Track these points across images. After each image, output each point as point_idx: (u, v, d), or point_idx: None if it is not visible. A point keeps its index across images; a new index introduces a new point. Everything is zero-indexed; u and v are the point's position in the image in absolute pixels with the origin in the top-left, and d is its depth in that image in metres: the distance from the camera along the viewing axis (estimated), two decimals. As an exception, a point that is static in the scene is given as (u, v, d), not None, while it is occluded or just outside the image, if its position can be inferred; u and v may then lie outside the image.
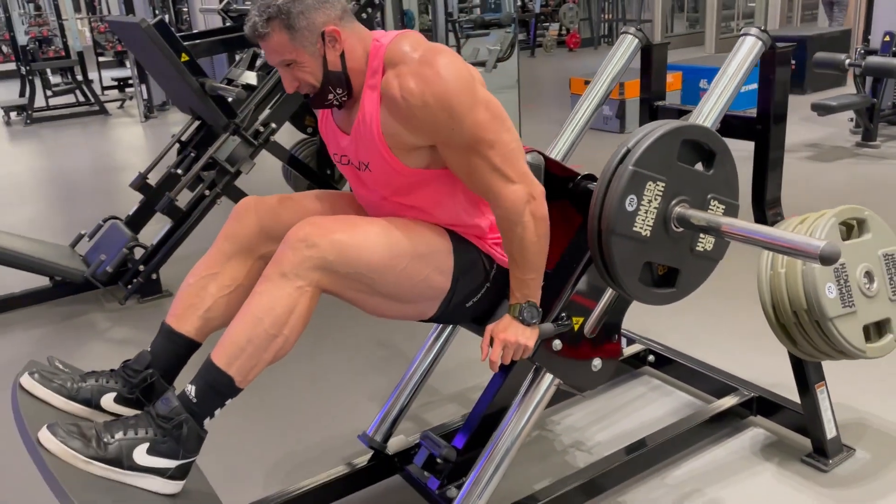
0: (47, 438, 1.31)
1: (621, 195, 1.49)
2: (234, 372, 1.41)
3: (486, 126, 1.47)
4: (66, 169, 6.42)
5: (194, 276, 1.61)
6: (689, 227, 1.56)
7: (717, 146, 1.60)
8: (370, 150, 1.52)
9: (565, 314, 1.68)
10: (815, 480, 2.00)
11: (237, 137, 3.44)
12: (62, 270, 3.41)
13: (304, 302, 1.42)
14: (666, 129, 1.53)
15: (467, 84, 1.45)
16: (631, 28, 2.20)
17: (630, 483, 2.03)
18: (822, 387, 2.05)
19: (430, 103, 1.42)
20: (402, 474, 2.04)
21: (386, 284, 1.51)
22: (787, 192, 2.01)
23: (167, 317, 1.60)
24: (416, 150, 1.51)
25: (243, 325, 1.42)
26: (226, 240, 1.61)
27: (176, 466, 1.39)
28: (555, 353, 1.68)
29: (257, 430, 2.43)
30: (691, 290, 1.68)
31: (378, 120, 1.48)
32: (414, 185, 1.55)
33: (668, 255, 1.60)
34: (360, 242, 1.45)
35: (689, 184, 1.57)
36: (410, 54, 1.45)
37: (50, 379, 1.49)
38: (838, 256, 1.37)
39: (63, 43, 8.92)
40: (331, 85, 1.50)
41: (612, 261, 1.52)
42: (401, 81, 1.43)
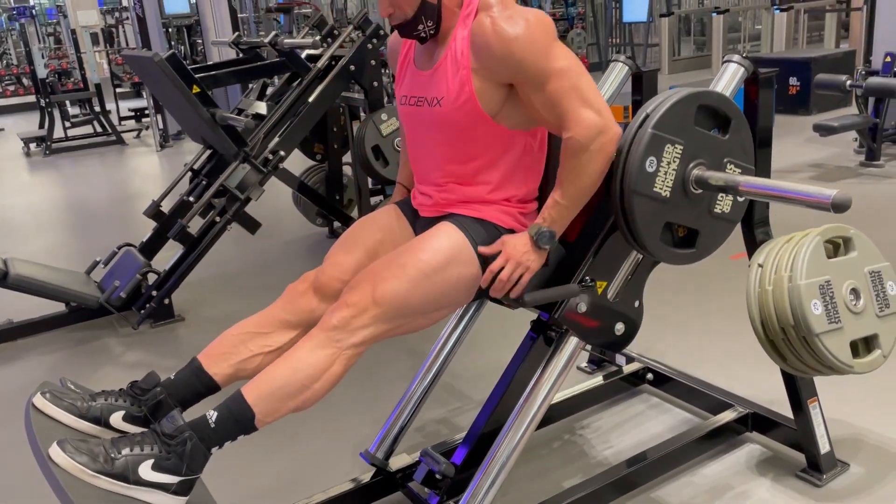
0: (57, 454, 1.38)
1: (642, 156, 1.58)
2: (259, 410, 1.51)
3: (568, 60, 1.60)
4: (83, 198, 6.57)
5: (240, 328, 1.71)
6: (706, 187, 1.65)
7: (733, 112, 1.69)
8: (451, 84, 1.64)
9: (589, 277, 1.75)
10: (809, 495, 2.03)
11: (247, 165, 3.54)
12: (77, 296, 3.51)
13: (339, 364, 1.56)
14: (683, 95, 1.63)
15: (552, 31, 1.61)
16: (621, 56, 2.27)
17: (628, 497, 2.07)
18: (814, 402, 2.08)
19: (521, 38, 1.56)
20: (404, 491, 2.09)
21: (426, 305, 1.64)
22: (789, 211, 2.06)
23: (201, 354, 1.69)
24: (495, 90, 1.63)
25: (281, 371, 1.54)
26: (287, 311, 1.73)
27: (179, 482, 1.45)
28: (580, 316, 1.75)
29: (260, 447, 2.48)
30: (711, 251, 1.77)
31: (468, 55, 1.62)
32: (474, 131, 1.67)
33: (687, 215, 1.69)
34: (398, 287, 1.59)
35: (706, 147, 1.67)
36: (502, 5, 1.62)
37: (61, 398, 1.57)
38: (849, 204, 1.45)
39: (81, 75, 9.16)
40: (424, 15, 1.63)
41: (634, 220, 1.62)
42: (493, 22, 1.59)
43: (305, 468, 2.36)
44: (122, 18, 14.05)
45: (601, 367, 2.71)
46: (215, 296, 3.94)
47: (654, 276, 1.89)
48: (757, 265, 1.95)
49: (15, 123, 11.42)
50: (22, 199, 6.64)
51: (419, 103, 1.72)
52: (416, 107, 1.73)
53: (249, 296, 3.86)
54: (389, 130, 3.68)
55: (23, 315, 3.63)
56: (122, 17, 14.08)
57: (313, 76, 3.76)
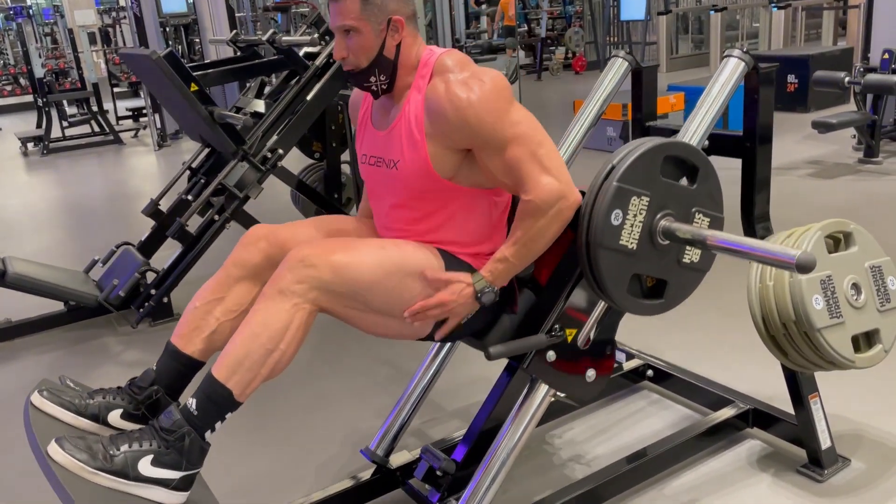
0: (56, 451, 1.37)
1: (607, 210, 1.56)
2: (233, 385, 1.47)
3: (525, 125, 1.58)
4: (81, 197, 6.56)
5: (200, 299, 1.67)
6: (674, 239, 1.63)
7: (700, 162, 1.67)
8: (405, 148, 1.61)
9: (558, 325, 1.73)
10: (810, 491, 2.03)
11: (245, 163, 3.53)
12: (76, 295, 3.50)
13: (299, 318, 1.49)
14: (649, 147, 1.61)
15: (509, 94, 1.58)
16: (621, 52, 2.27)
17: (629, 494, 2.06)
18: (815, 398, 2.08)
19: (475, 104, 1.53)
20: (404, 488, 2.08)
21: (379, 301, 1.57)
22: (788, 208, 2.06)
23: (172, 336, 1.67)
24: (451, 155, 1.59)
25: (242, 340, 1.49)
26: (234, 266, 1.68)
27: (180, 478, 1.44)
28: (549, 364, 1.73)
29: (261, 445, 2.48)
30: (679, 301, 1.74)
31: (423, 120, 1.58)
32: (435, 193, 1.63)
33: (655, 266, 1.66)
34: (354, 262, 1.52)
35: (673, 198, 1.64)
36: (458, 67, 1.59)
37: (59, 396, 1.56)
38: (813, 265, 1.42)
39: (79, 75, 9.14)
40: (378, 68, 1.60)
41: (601, 273, 1.59)
42: (447, 87, 1.56)
43: (305, 465, 2.35)
44: (119, 18, 14.04)
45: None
46: (214, 294, 3.92)
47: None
48: (758, 260, 1.95)
49: (12, 123, 11.40)
50: (19, 199, 6.63)
51: (378, 164, 1.69)
52: (376, 167, 1.69)
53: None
54: (388, 128, 3.67)
55: (21, 314, 3.62)
56: (120, 17, 14.07)
57: (311, 74, 3.74)
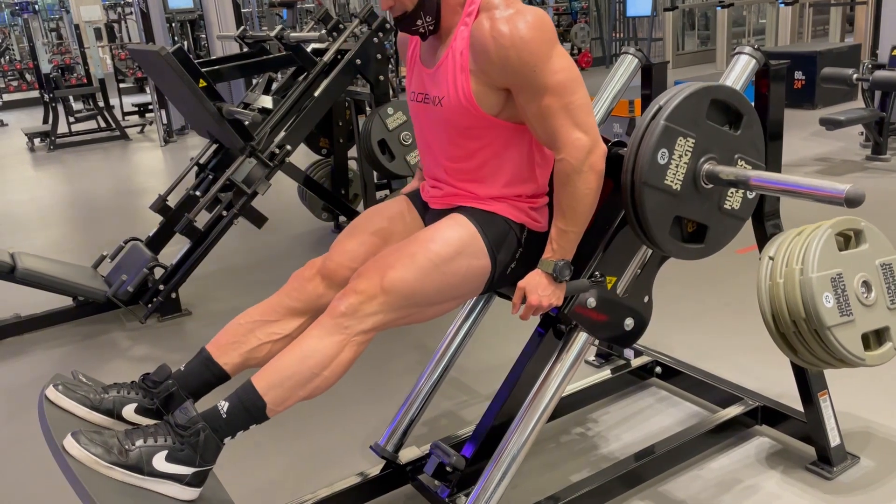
0: (71, 445, 1.38)
1: (654, 148, 1.57)
2: (270, 399, 1.50)
3: (564, 74, 1.57)
4: (88, 193, 6.58)
5: (247, 317, 1.71)
6: (717, 182, 1.64)
7: (745, 108, 1.68)
8: (450, 85, 1.63)
9: (599, 272, 1.75)
10: (819, 488, 2.03)
11: (253, 160, 3.54)
12: (85, 291, 3.51)
13: (349, 352, 1.56)
14: (695, 88, 1.62)
15: (551, 36, 1.58)
16: (631, 48, 2.27)
17: (638, 490, 2.07)
18: (824, 395, 2.08)
19: (518, 44, 1.54)
20: (414, 483, 2.09)
21: (432, 295, 1.64)
22: (796, 205, 2.05)
23: (209, 344, 1.69)
24: (493, 93, 1.61)
25: (290, 359, 1.53)
26: (292, 298, 1.72)
27: (193, 473, 1.45)
28: (589, 311, 1.75)
29: (272, 441, 2.49)
30: (719, 247, 1.75)
31: (467, 55, 1.60)
32: (478, 129, 1.66)
33: (697, 210, 1.68)
34: (405, 275, 1.58)
35: (717, 142, 1.66)
36: (504, 4, 1.59)
37: (74, 390, 1.57)
38: (863, 199, 1.44)
39: (85, 70, 9.16)
40: (423, 10, 1.62)
41: (644, 213, 1.61)
42: (492, 24, 1.56)
43: (315, 461, 2.37)
44: (126, 14, 14.05)
45: (609, 360, 2.71)
46: (222, 290, 3.94)
47: (662, 271, 1.89)
48: (768, 258, 1.95)
49: (18, 119, 11.42)
50: (27, 194, 6.65)
51: (425, 100, 1.72)
52: (423, 104, 1.73)
53: (256, 290, 3.85)
54: (395, 124, 3.68)
55: (30, 309, 3.64)
56: (125, 13, 14.08)
57: (319, 70, 3.75)
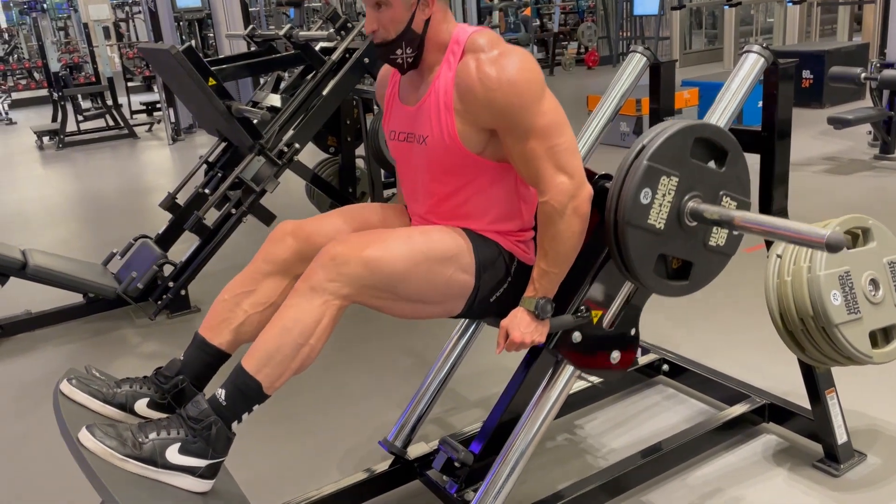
0: (86, 438, 1.40)
1: (636, 188, 1.57)
2: (263, 378, 1.50)
3: (550, 117, 1.58)
4: (96, 191, 6.61)
5: (230, 292, 1.70)
6: (701, 220, 1.64)
7: (730, 145, 1.68)
8: (433, 124, 1.63)
9: (584, 307, 1.75)
10: (826, 485, 2.04)
11: (262, 158, 3.56)
12: (96, 287, 3.54)
13: (330, 314, 1.52)
14: (680, 127, 1.62)
15: (538, 79, 1.58)
16: (639, 47, 2.28)
17: (644, 487, 2.08)
18: (832, 393, 2.08)
19: (504, 87, 1.54)
20: (422, 479, 2.10)
21: (411, 290, 1.60)
22: (804, 204, 2.06)
23: (201, 328, 1.69)
24: (477, 133, 1.61)
25: (273, 334, 1.51)
26: (263, 261, 1.71)
27: (206, 466, 1.47)
28: (575, 345, 1.75)
29: (282, 436, 2.51)
30: (704, 284, 1.75)
31: (452, 95, 1.60)
32: (462, 169, 1.65)
33: (681, 247, 1.67)
34: (385, 256, 1.54)
35: (701, 180, 1.65)
36: (490, 46, 1.59)
37: (87, 384, 1.59)
38: (843, 244, 1.43)
39: (94, 69, 9.20)
40: (405, 41, 1.62)
41: (628, 252, 1.61)
42: (479, 66, 1.57)
43: (324, 457, 2.38)
44: (134, 13, 14.10)
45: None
46: (230, 287, 3.95)
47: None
48: (776, 256, 1.95)
49: (26, 117, 11.48)
50: (36, 192, 6.69)
51: (408, 139, 1.71)
52: (406, 143, 1.72)
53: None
54: (403, 123, 3.69)
55: (40, 306, 3.67)
56: (133, 12, 14.13)
57: (328, 69, 3.77)
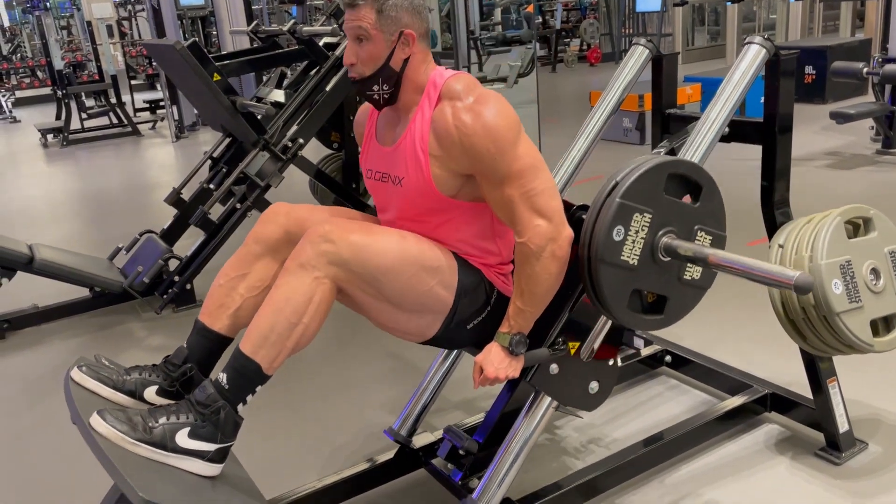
0: (98, 422, 1.42)
1: (609, 226, 1.57)
2: (261, 359, 1.51)
3: (525, 161, 1.58)
4: (100, 188, 6.64)
5: (224, 276, 1.72)
6: (675, 256, 1.63)
7: (704, 180, 1.68)
8: (409, 167, 1.63)
9: (561, 339, 1.74)
10: (827, 473, 2.06)
11: (266, 153, 3.58)
12: (102, 282, 3.56)
13: (321, 292, 1.51)
14: (652, 164, 1.61)
15: (513, 124, 1.58)
16: (642, 39, 2.29)
17: (647, 476, 2.10)
18: (833, 382, 2.10)
19: (480, 134, 1.55)
20: (427, 468, 2.12)
21: (393, 290, 1.59)
22: (806, 198, 2.08)
23: (200, 314, 1.71)
24: (453, 178, 1.62)
25: (266, 315, 1.52)
26: (254, 242, 1.72)
27: (215, 450, 1.49)
28: (552, 377, 1.75)
29: (289, 428, 2.53)
30: (680, 317, 1.74)
31: (427, 140, 1.60)
32: (439, 210, 1.66)
33: (655, 283, 1.66)
34: (373, 245, 1.55)
35: (676, 216, 1.64)
36: (466, 93, 1.59)
37: (97, 372, 1.61)
38: (811, 286, 1.44)
39: (97, 67, 9.23)
40: (382, 77, 1.62)
41: (601, 288, 1.60)
42: (454, 112, 1.57)
43: (329, 446, 2.40)
44: (137, 11, 14.13)
45: (619, 350, 2.73)
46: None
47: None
48: (777, 245, 1.97)
49: (30, 115, 11.51)
50: (41, 190, 6.72)
51: (384, 179, 1.72)
52: (381, 182, 1.73)
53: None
54: (407, 118, 3.70)
55: (46, 300, 3.69)
56: (136, 10, 14.16)
57: (331, 64, 3.78)
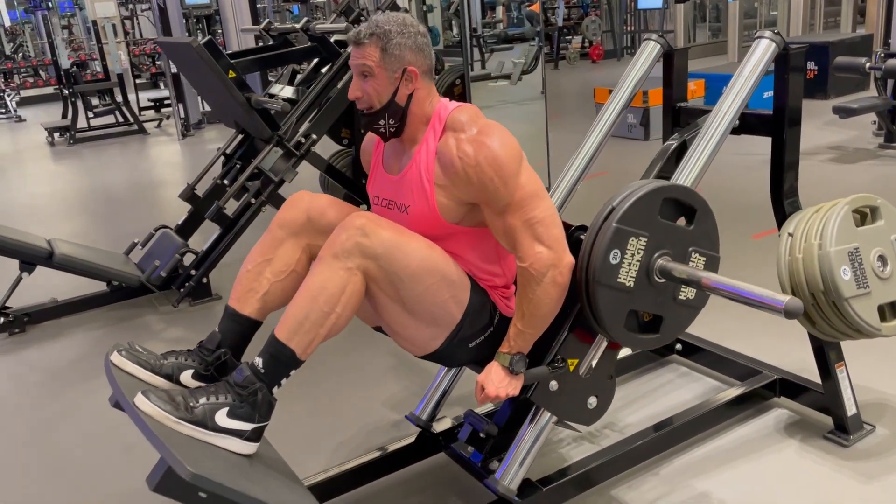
0: (142, 402, 1.48)
1: (605, 250, 1.64)
2: (295, 345, 1.58)
3: (527, 191, 1.65)
4: (109, 185, 6.70)
5: (252, 261, 1.78)
6: (670, 278, 1.70)
7: (697, 203, 1.75)
8: (415, 195, 1.70)
9: (560, 357, 1.80)
10: (836, 455, 2.12)
11: (280, 149, 3.64)
12: (120, 275, 3.63)
13: (354, 283, 1.58)
14: (648, 189, 1.68)
15: (516, 154, 1.65)
16: (653, 35, 2.35)
17: (660, 458, 2.17)
18: (841, 367, 2.16)
19: (482, 165, 1.61)
20: (447, 451, 2.19)
21: (411, 294, 1.65)
22: (810, 192, 2.13)
23: (230, 300, 1.78)
24: (457, 206, 1.69)
25: (301, 302, 1.59)
26: (278, 227, 1.79)
27: (252, 429, 1.56)
28: (552, 393, 1.80)
29: (313, 410, 2.59)
30: (675, 336, 1.82)
31: (432, 170, 1.67)
32: (443, 236, 1.72)
33: (651, 303, 1.73)
34: (404, 246, 1.62)
35: (670, 238, 1.71)
36: (469, 124, 1.66)
37: (136, 356, 1.68)
38: (801, 310, 1.50)
39: (103, 66, 9.30)
40: (388, 112, 1.68)
41: (598, 309, 1.67)
42: (458, 144, 1.64)
43: (350, 431, 2.46)
44: (138, 11, 14.18)
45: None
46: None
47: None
48: (787, 234, 2.03)
49: (34, 114, 11.57)
50: (49, 187, 6.78)
51: (390, 206, 1.78)
52: (387, 209, 1.78)
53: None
54: (417, 114, 3.76)
55: (64, 294, 3.76)
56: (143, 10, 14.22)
57: (343, 61, 3.84)
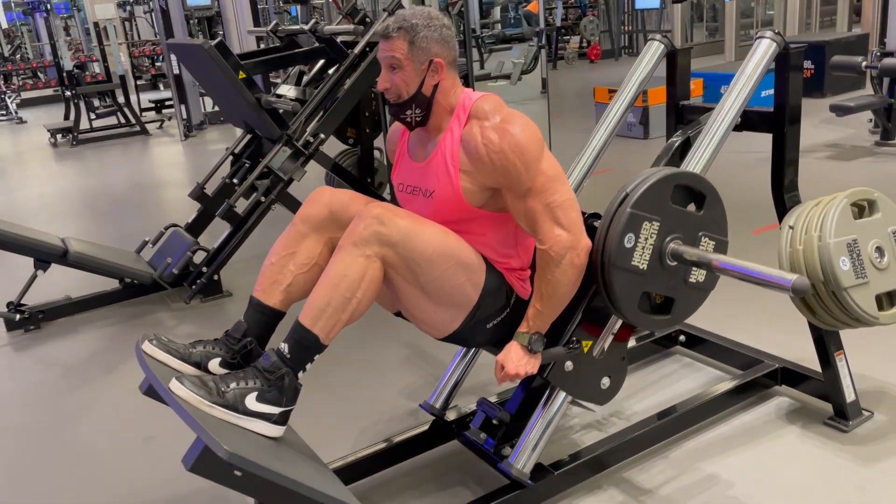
0: (177, 387, 1.56)
1: (620, 234, 1.73)
2: (318, 330, 1.66)
3: (548, 176, 1.74)
4: (113, 186, 6.76)
5: (275, 254, 1.86)
6: (682, 261, 1.79)
7: (707, 190, 1.85)
8: (440, 180, 1.78)
9: (575, 338, 1.89)
10: (836, 440, 2.20)
11: (289, 148, 3.71)
12: (133, 273, 3.70)
13: (373, 269, 1.66)
14: (660, 176, 1.77)
15: (538, 141, 1.74)
16: (657, 34, 2.42)
17: (663, 446, 2.24)
18: (840, 355, 2.24)
19: (506, 152, 1.70)
20: (460, 439, 2.26)
21: (428, 279, 1.73)
22: (807, 189, 2.21)
23: (254, 291, 1.85)
24: (480, 191, 1.77)
25: (323, 289, 1.67)
26: (301, 222, 1.86)
27: (279, 413, 1.63)
28: (567, 374, 1.89)
29: (329, 399, 2.66)
30: (686, 317, 1.91)
31: (457, 157, 1.76)
32: (466, 220, 1.81)
33: (663, 285, 1.82)
34: (421, 233, 1.70)
35: (681, 223, 1.80)
36: (493, 113, 1.75)
37: (166, 345, 1.75)
38: (808, 287, 1.58)
39: (104, 67, 9.35)
40: (415, 102, 1.78)
41: (613, 291, 1.76)
42: (483, 132, 1.73)
43: (364, 420, 2.53)
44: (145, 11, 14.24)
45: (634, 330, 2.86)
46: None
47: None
48: (788, 227, 2.11)
49: (35, 116, 11.63)
50: (55, 188, 6.84)
51: (414, 192, 1.86)
52: (412, 195, 1.87)
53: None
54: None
55: (76, 292, 3.82)
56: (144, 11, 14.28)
57: (350, 62, 3.92)
